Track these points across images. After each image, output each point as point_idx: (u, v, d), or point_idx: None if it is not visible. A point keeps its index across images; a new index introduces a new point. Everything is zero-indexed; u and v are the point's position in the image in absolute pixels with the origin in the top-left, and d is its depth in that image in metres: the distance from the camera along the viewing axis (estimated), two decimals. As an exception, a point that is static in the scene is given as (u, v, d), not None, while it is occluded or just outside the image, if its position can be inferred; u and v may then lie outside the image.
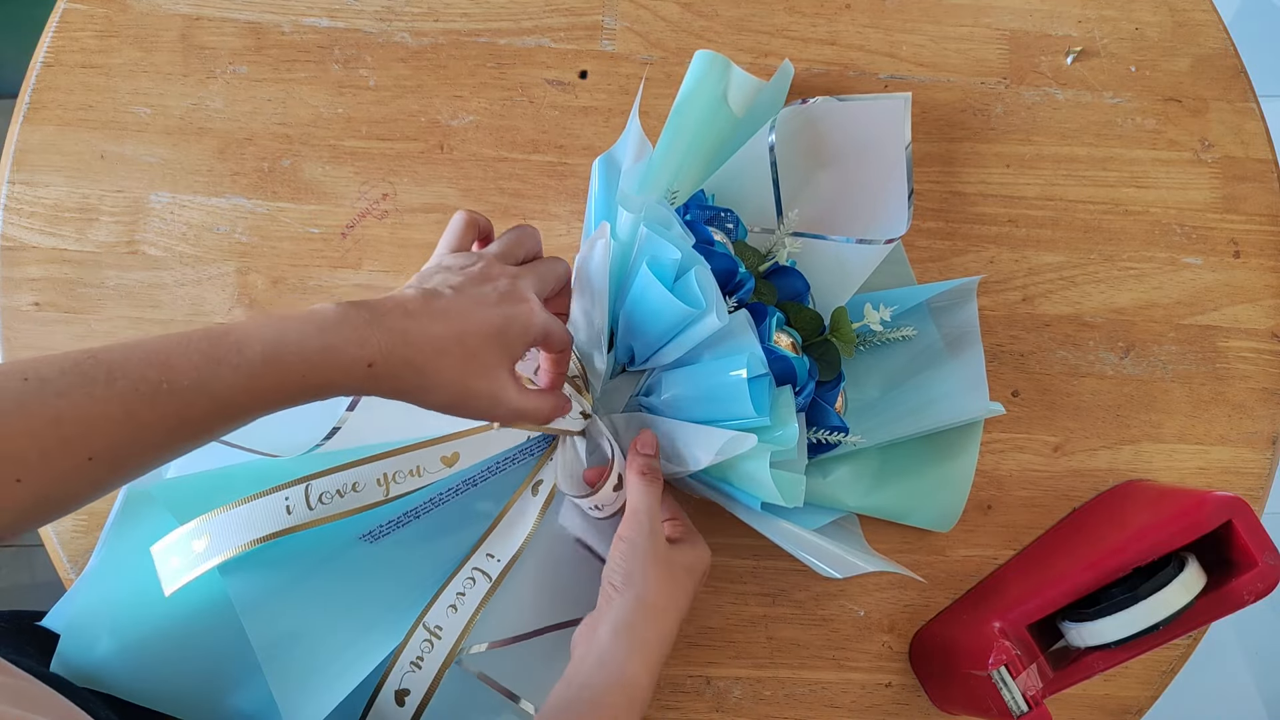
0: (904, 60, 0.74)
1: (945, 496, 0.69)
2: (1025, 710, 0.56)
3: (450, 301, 0.47)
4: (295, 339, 0.43)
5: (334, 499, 0.54)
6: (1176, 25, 0.75)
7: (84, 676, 0.55)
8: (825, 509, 0.66)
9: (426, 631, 0.56)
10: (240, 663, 0.56)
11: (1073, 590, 0.57)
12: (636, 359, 0.61)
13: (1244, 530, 0.55)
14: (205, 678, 0.57)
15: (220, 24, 0.70)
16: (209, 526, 0.54)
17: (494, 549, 0.58)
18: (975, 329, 0.68)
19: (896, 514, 0.68)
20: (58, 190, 0.68)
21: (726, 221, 0.64)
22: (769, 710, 0.68)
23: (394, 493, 0.55)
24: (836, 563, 0.59)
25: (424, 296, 0.47)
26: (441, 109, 0.71)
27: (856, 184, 0.67)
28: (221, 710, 0.57)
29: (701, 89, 0.65)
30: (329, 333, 0.43)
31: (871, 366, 0.69)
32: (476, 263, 0.50)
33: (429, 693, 0.55)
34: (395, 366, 0.44)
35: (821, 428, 0.62)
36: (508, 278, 0.50)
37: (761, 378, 0.56)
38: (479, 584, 0.57)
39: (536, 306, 0.50)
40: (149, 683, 0.56)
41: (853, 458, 0.67)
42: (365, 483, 0.54)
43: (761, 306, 0.60)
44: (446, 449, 0.56)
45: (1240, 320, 0.73)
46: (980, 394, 0.66)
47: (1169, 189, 0.74)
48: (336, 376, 0.43)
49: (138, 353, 0.41)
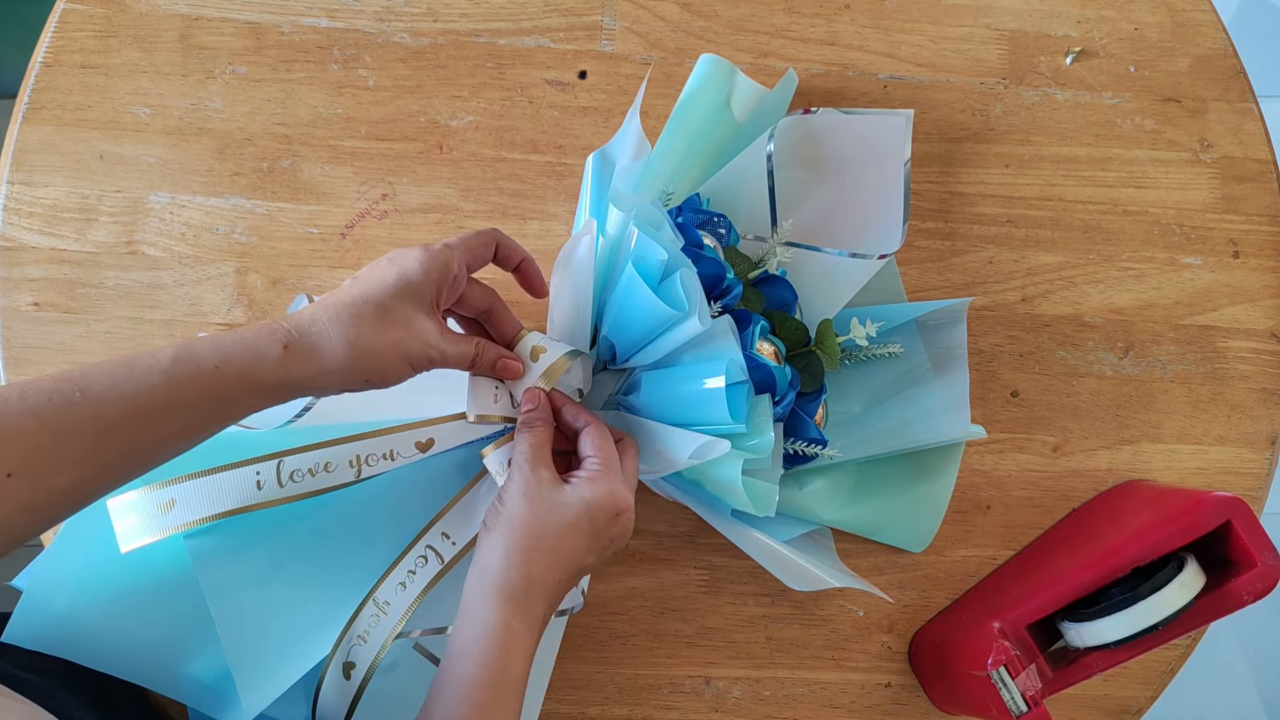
0: (903, 60, 0.74)
1: (920, 516, 0.68)
2: (1024, 710, 0.56)
3: (359, 275, 0.50)
4: (210, 340, 0.45)
5: (305, 477, 0.54)
6: (1176, 25, 0.75)
7: (40, 638, 0.55)
8: (799, 520, 0.66)
9: (375, 606, 0.56)
10: (200, 631, 0.57)
11: (1072, 590, 0.57)
12: (618, 357, 0.61)
13: (1243, 530, 0.55)
14: (164, 644, 0.57)
15: (219, 24, 0.70)
16: (176, 491, 0.54)
17: (450, 529, 0.58)
18: (963, 351, 0.67)
19: (870, 530, 0.68)
20: (57, 190, 0.68)
21: (719, 226, 0.64)
22: (768, 710, 0.68)
23: (365, 474, 0.56)
24: (802, 576, 0.59)
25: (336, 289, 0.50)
26: (441, 109, 0.71)
27: (853, 198, 0.67)
28: (178, 677, 0.58)
29: (704, 93, 0.65)
30: (244, 333, 0.46)
31: (857, 381, 0.69)
32: None
33: (372, 667, 0.55)
34: (313, 339, 0.46)
35: (800, 439, 0.62)
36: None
37: (740, 384, 0.56)
38: (430, 564, 0.57)
39: (434, 248, 0.51)
40: (107, 645, 0.56)
41: (830, 471, 0.67)
42: (337, 463, 0.55)
43: (746, 313, 0.60)
44: (422, 434, 0.56)
45: (1239, 320, 0.73)
46: (962, 416, 0.66)
47: (1168, 189, 0.74)
48: (252, 362, 0.45)
49: (55, 374, 0.42)
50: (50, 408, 0.41)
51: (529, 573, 0.49)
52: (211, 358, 0.44)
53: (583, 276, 0.57)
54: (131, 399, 0.42)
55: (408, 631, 0.58)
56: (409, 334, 0.49)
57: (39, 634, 0.56)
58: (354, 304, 0.48)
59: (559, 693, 0.67)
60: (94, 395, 0.42)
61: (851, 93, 0.73)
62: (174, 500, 0.54)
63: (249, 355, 0.45)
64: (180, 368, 0.44)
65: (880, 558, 0.69)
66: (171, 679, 0.58)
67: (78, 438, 0.41)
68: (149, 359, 0.43)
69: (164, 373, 0.43)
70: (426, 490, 0.60)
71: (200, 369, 0.44)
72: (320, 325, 0.47)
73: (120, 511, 0.55)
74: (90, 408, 0.41)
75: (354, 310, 0.48)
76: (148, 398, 0.43)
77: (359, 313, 0.48)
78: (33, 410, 0.40)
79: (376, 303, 0.48)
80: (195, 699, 0.58)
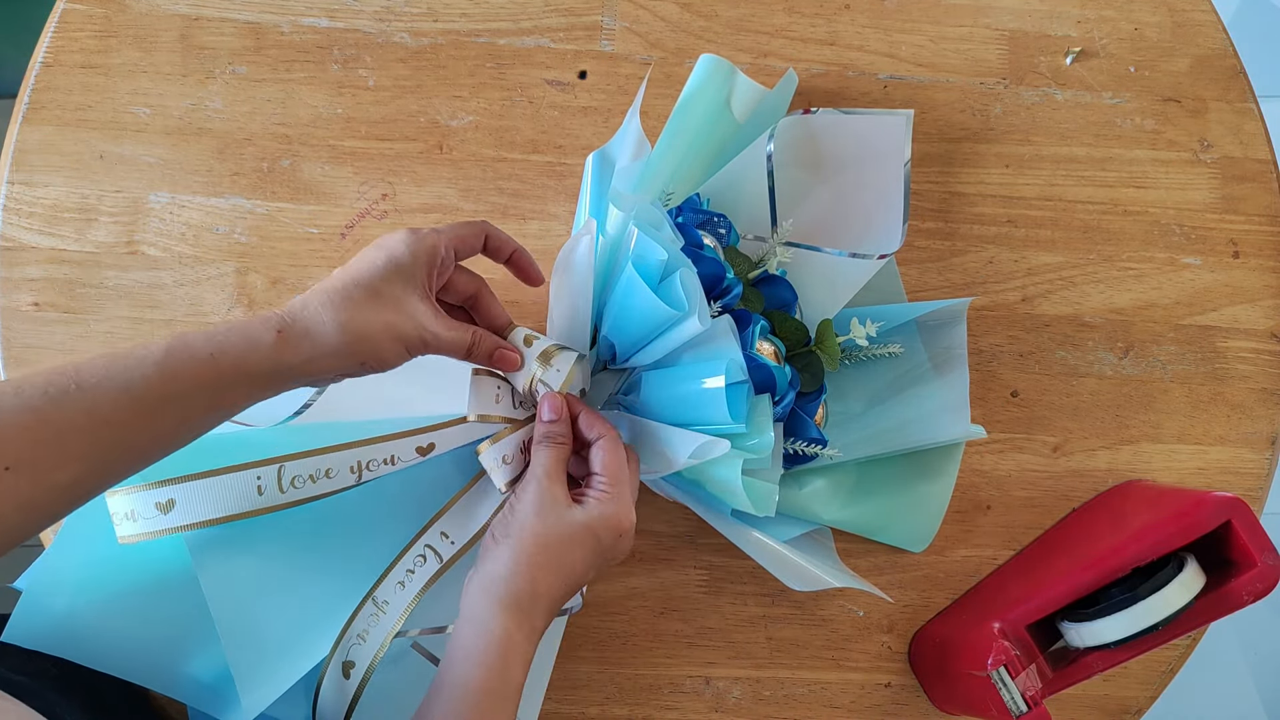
0: (903, 60, 0.74)
1: (920, 517, 0.68)
2: (1024, 710, 0.56)
3: (349, 262, 0.51)
4: (202, 331, 0.45)
5: (306, 483, 0.54)
6: (1176, 25, 0.75)
7: (40, 638, 0.55)
8: (799, 520, 0.66)
9: (375, 605, 0.57)
10: (200, 631, 0.57)
11: (1072, 590, 0.57)
12: (618, 357, 0.61)
13: (1243, 530, 0.55)
14: (164, 643, 0.57)
15: (219, 24, 0.70)
16: (176, 491, 0.54)
17: (449, 528, 0.58)
18: (963, 351, 0.67)
19: (870, 530, 0.68)
20: (57, 190, 0.68)
21: (719, 226, 0.64)
22: (768, 710, 0.68)
23: (366, 479, 0.56)
24: (802, 576, 0.59)
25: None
26: (441, 109, 0.71)
27: (853, 198, 0.67)
28: (177, 677, 0.58)
29: (704, 93, 0.65)
30: (237, 322, 0.46)
31: (857, 381, 0.69)
32: None
33: (371, 666, 0.56)
34: (305, 324, 0.47)
35: (800, 439, 0.62)
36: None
37: (740, 384, 0.56)
38: (429, 563, 0.57)
39: (421, 231, 0.51)
40: (106, 645, 0.56)
41: (830, 471, 0.67)
42: (338, 469, 0.55)
43: (746, 313, 0.60)
44: (423, 440, 0.56)
45: (1239, 320, 0.73)
46: (962, 416, 0.65)
47: (1168, 189, 0.74)
48: (246, 350, 0.45)
49: (48, 368, 0.42)
50: (46, 402, 0.41)
51: (534, 586, 0.50)
52: (205, 346, 0.45)
53: (582, 276, 0.57)
54: (126, 391, 0.42)
55: (406, 630, 0.58)
56: (401, 315, 0.49)
57: (38, 634, 0.56)
58: (345, 288, 0.48)
59: (559, 693, 0.67)
60: (89, 388, 0.42)
61: (851, 93, 0.73)
62: (173, 500, 0.54)
63: (243, 343, 0.45)
64: (174, 358, 0.44)
65: (880, 558, 0.69)
66: (171, 678, 0.58)
67: (75, 432, 0.41)
68: (142, 350, 0.44)
69: (157, 364, 0.43)
70: (427, 490, 0.60)
71: (194, 358, 0.44)
72: (312, 310, 0.47)
73: (118, 504, 0.55)
74: (86, 401, 0.41)
75: (345, 294, 0.48)
76: (142, 389, 0.43)
77: (350, 296, 0.48)
78: (29, 405, 0.40)
79: (366, 285, 0.48)
80: (195, 698, 0.58)
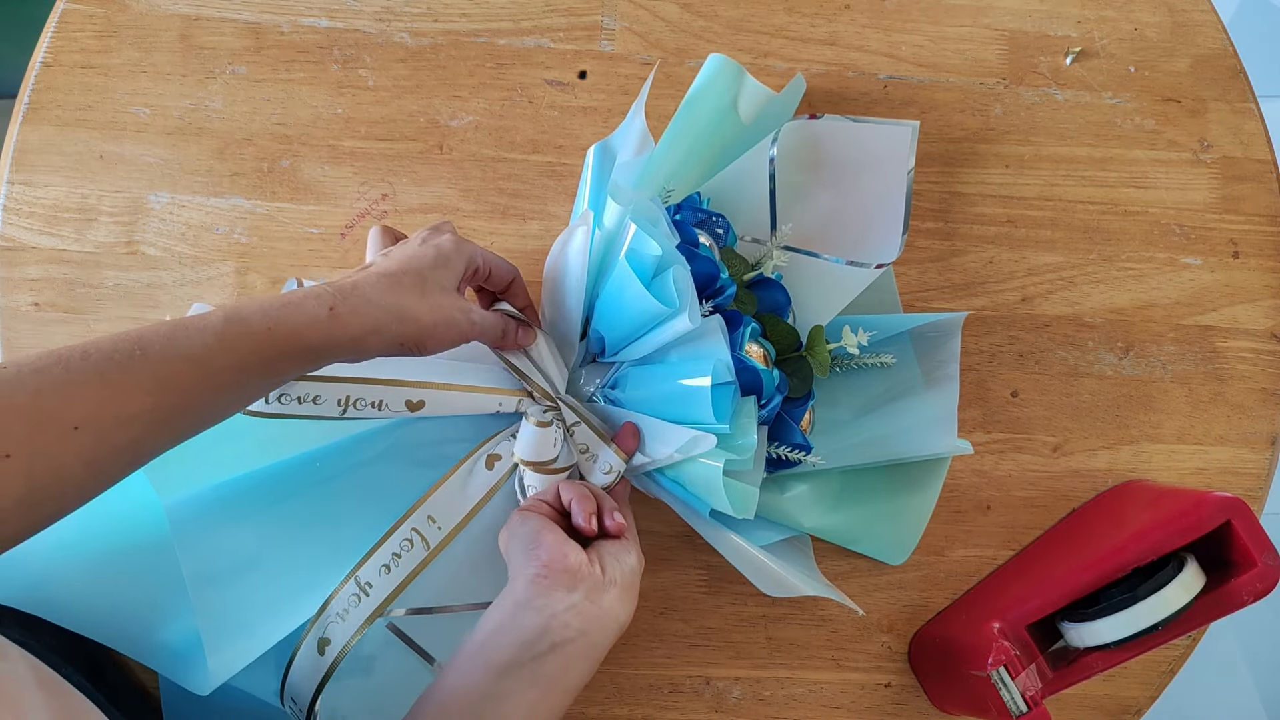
0: (903, 60, 0.74)
1: (900, 529, 0.68)
2: (1024, 710, 0.56)
3: (391, 253, 0.54)
4: (257, 303, 0.47)
5: (292, 402, 0.55)
6: (1175, 25, 0.75)
7: (15, 595, 0.56)
8: (779, 525, 0.65)
9: (357, 585, 0.57)
10: (176, 598, 0.57)
11: (1072, 590, 0.57)
12: (607, 350, 0.61)
13: (1243, 530, 0.55)
14: (139, 608, 0.58)
15: (219, 24, 0.70)
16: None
17: (436, 512, 0.58)
18: (955, 365, 0.66)
19: (849, 539, 0.68)
20: (57, 190, 0.68)
21: (717, 226, 0.64)
22: (768, 710, 0.68)
23: (350, 415, 0.56)
24: (777, 582, 0.59)
25: (368, 264, 0.54)
26: (440, 109, 0.71)
27: (853, 205, 0.67)
28: (150, 643, 0.58)
29: (711, 92, 0.65)
30: (290, 297, 0.48)
31: (848, 388, 0.68)
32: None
33: (347, 646, 0.56)
34: (355, 303, 0.49)
35: (784, 444, 0.61)
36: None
37: (726, 385, 0.56)
38: (416, 548, 0.57)
39: (461, 239, 0.56)
40: (81, 607, 0.56)
41: (813, 477, 0.67)
42: (326, 398, 0.55)
43: (737, 314, 0.60)
44: (413, 394, 0.57)
45: (1239, 320, 0.73)
46: (949, 431, 0.65)
47: (1168, 189, 0.74)
48: (300, 325, 0.47)
49: (112, 335, 0.44)
50: (112, 365, 0.42)
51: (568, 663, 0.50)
52: (262, 320, 0.46)
53: (576, 267, 0.57)
54: (188, 358, 0.44)
55: (390, 610, 0.58)
56: (447, 301, 0.53)
57: (14, 591, 0.56)
58: (395, 274, 0.52)
59: (559, 693, 0.67)
60: (153, 354, 0.43)
61: (851, 93, 0.73)
62: None
63: (298, 317, 0.47)
64: (232, 329, 0.46)
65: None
66: (144, 644, 0.58)
67: (139, 393, 0.43)
68: (200, 321, 0.45)
69: (217, 334, 0.45)
70: (418, 470, 0.60)
71: (251, 330, 0.46)
72: (364, 290, 0.50)
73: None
74: (151, 365, 0.43)
75: (395, 279, 0.51)
76: (202, 356, 0.44)
77: (399, 281, 0.51)
78: (95, 368, 0.42)
79: (416, 272, 0.52)
80: (166, 666, 0.58)
